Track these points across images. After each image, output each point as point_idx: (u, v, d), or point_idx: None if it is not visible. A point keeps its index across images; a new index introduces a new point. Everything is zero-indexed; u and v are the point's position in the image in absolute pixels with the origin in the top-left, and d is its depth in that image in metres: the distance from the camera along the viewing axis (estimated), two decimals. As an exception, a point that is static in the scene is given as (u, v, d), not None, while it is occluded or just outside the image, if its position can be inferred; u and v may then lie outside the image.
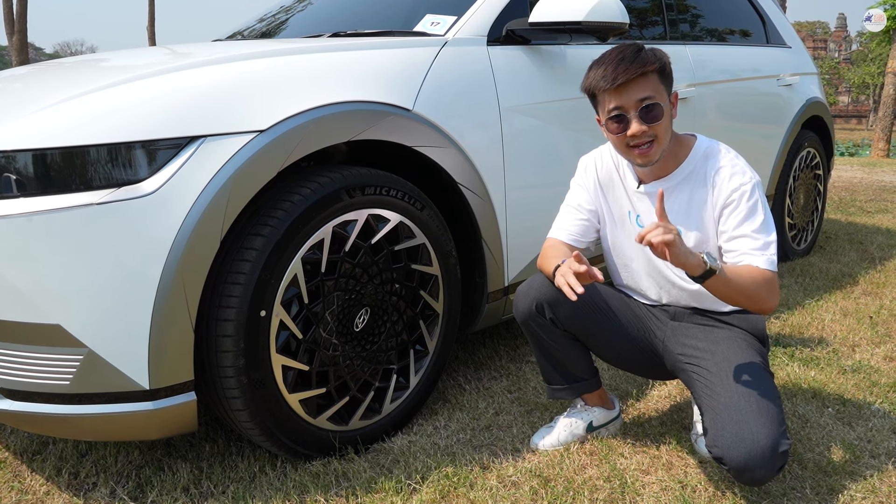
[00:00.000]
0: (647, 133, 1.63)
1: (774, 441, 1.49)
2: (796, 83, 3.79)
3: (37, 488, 1.77)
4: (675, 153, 1.73)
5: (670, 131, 1.69)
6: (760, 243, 1.62)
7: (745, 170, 1.69)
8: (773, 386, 1.62)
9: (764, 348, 1.78)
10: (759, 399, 1.55)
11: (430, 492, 1.70)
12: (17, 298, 1.48)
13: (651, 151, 1.65)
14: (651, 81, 1.62)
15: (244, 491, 1.73)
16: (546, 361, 1.92)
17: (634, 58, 1.61)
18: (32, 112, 1.53)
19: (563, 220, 1.90)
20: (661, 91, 1.64)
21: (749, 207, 1.64)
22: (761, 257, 1.61)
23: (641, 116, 1.62)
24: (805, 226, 4.12)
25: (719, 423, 1.55)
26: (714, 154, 1.72)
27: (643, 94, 1.61)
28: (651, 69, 1.61)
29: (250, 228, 1.64)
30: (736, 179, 1.66)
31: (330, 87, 1.77)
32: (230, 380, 1.62)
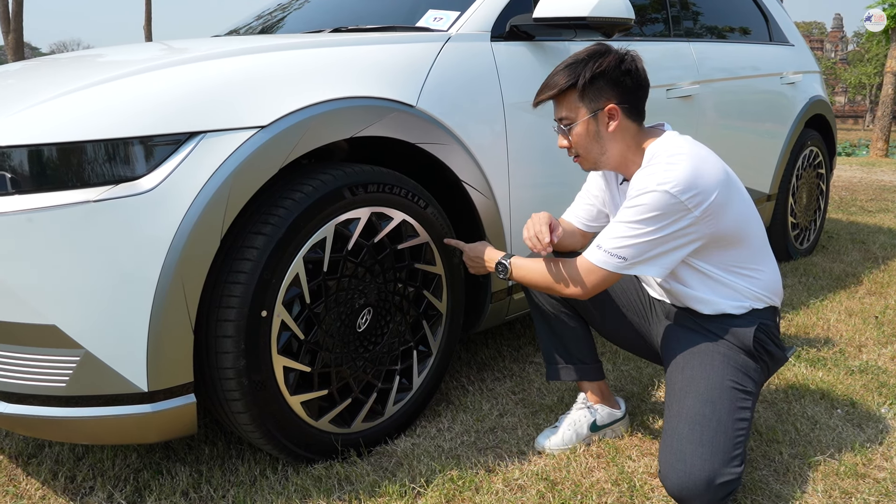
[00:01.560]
0: (571, 149, 1.70)
1: (711, 474, 1.47)
2: (799, 81, 3.76)
3: (32, 492, 1.73)
4: (635, 159, 1.67)
5: (599, 147, 1.67)
6: (606, 236, 1.61)
7: (658, 175, 1.53)
8: (737, 408, 1.56)
9: (751, 362, 1.67)
10: (705, 428, 1.52)
11: (434, 496, 1.67)
12: (12, 298, 1.44)
13: (581, 162, 1.72)
14: (566, 101, 1.66)
15: (245, 495, 1.69)
16: (548, 338, 1.94)
17: (550, 79, 1.67)
18: (27, 107, 1.49)
19: (574, 205, 1.96)
20: (577, 109, 1.65)
21: (632, 205, 1.56)
22: (592, 249, 1.63)
23: (561, 133, 1.70)
24: (808, 225, 4.09)
25: (664, 446, 1.56)
26: (655, 157, 1.60)
27: (559, 114, 1.69)
28: (557, 90, 1.64)
29: (251, 227, 1.60)
30: (640, 181, 1.57)
31: (332, 82, 1.74)
32: (230, 381, 1.58)
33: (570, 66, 1.64)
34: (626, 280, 1.91)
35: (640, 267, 1.60)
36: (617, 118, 1.64)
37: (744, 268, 1.68)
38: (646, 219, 1.54)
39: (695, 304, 1.73)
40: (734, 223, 1.62)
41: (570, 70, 1.63)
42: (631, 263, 1.59)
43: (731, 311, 1.69)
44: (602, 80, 1.62)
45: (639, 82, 1.66)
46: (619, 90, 1.63)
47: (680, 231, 1.56)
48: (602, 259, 1.60)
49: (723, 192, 1.56)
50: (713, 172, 1.56)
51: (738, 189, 1.64)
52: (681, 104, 2.82)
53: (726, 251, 1.65)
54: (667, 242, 1.57)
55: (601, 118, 1.64)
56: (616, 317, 1.90)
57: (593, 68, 1.61)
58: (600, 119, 1.64)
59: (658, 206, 1.53)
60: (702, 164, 1.56)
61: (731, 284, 1.68)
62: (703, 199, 1.53)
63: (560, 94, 1.65)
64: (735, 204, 1.61)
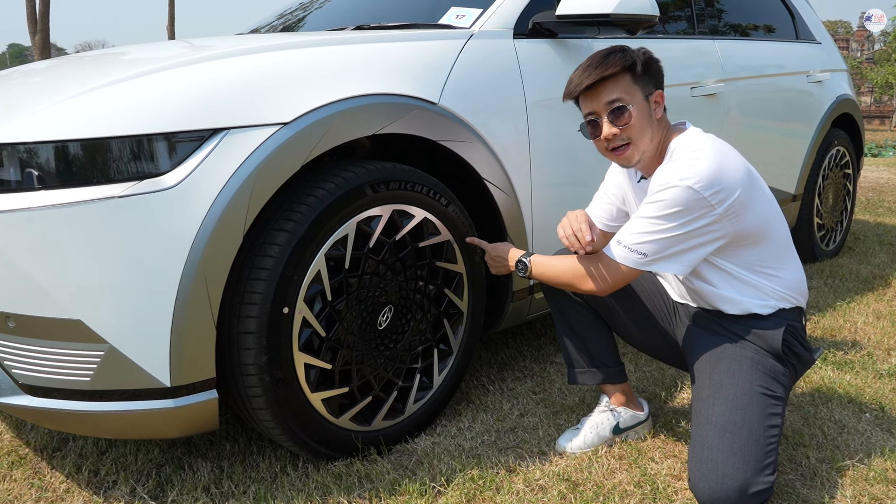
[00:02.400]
0: (620, 136, 1.61)
1: (743, 482, 1.43)
2: (826, 80, 3.70)
3: (56, 485, 1.74)
4: (662, 153, 1.65)
5: (650, 132, 1.62)
6: (624, 231, 1.59)
7: (680, 171, 1.51)
8: (768, 415, 1.53)
9: (779, 366, 1.63)
10: (737, 435, 1.49)
11: (455, 495, 1.66)
12: (38, 293, 1.46)
13: (628, 153, 1.63)
14: (620, 83, 1.60)
15: (265, 491, 1.69)
16: (569, 341, 1.91)
17: (601, 61, 1.60)
18: (53, 104, 1.51)
19: (593, 206, 1.93)
20: (633, 91, 1.60)
21: (653, 200, 1.54)
22: (612, 245, 1.61)
23: (611, 120, 1.61)
24: (834, 226, 4.03)
25: (693, 454, 1.52)
26: (677, 151, 1.59)
27: (611, 97, 1.60)
28: (615, 70, 1.58)
29: (273, 223, 1.60)
30: (662, 176, 1.55)
31: (354, 79, 1.74)
32: (252, 378, 1.59)
33: (615, 52, 1.60)
34: (649, 283, 1.89)
35: (661, 264, 1.58)
36: (661, 105, 1.64)
37: (767, 267, 1.66)
38: (667, 214, 1.52)
39: (720, 303, 1.70)
40: (757, 221, 1.59)
41: (621, 54, 1.60)
42: (651, 259, 1.57)
43: (757, 310, 1.66)
44: (652, 66, 1.63)
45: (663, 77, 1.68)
46: (659, 79, 1.65)
47: (702, 228, 1.53)
48: (622, 255, 1.58)
49: (745, 189, 1.54)
50: (736, 169, 1.54)
51: (761, 186, 1.62)
52: (705, 102, 2.78)
53: (749, 250, 1.63)
54: (689, 239, 1.55)
55: (651, 103, 1.63)
56: (641, 321, 1.87)
57: (642, 55, 1.61)
58: (651, 104, 1.63)
59: (680, 202, 1.50)
60: (725, 160, 1.54)
61: (756, 284, 1.66)
62: (727, 196, 1.51)
63: (614, 75, 1.59)
64: (758, 202, 1.58)
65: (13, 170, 1.47)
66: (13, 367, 1.54)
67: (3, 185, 1.48)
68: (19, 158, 1.46)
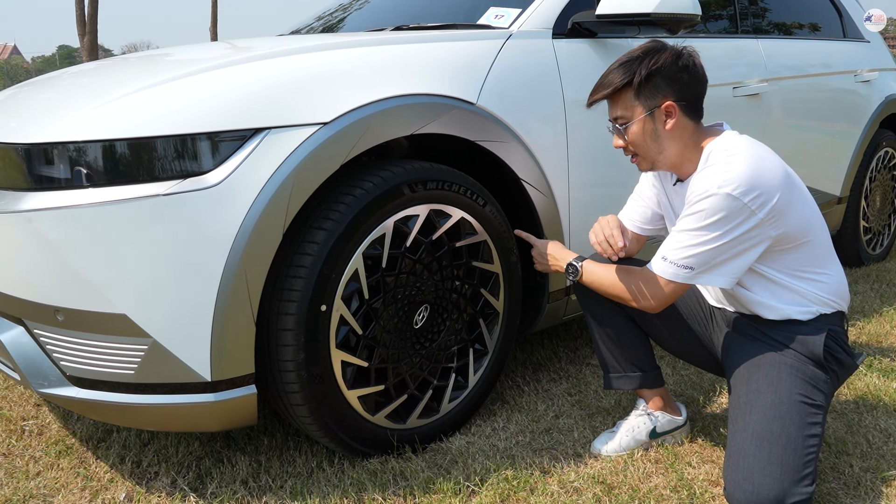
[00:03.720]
0: (627, 149, 1.66)
1: (780, 493, 1.40)
2: (874, 79, 3.60)
3: (101, 475, 1.79)
4: (693, 158, 1.63)
5: (657, 146, 1.62)
6: (666, 245, 1.57)
7: (718, 177, 1.49)
8: (807, 424, 1.50)
9: (819, 372, 1.60)
10: (774, 444, 1.46)
11: (489, 495, 1.66)
12: (85, 288, 1.50)
13: (639, 162, 1.67)
14: (621, 99, 1.62)
15: (302, 486, 1.72)
16: (604, 346, 1.88)
17: (604, 78, 1.63)
18: (101, 105, 1.55)
19: (628, 208, 1.92)
20: (633, 108, 1.60)
21: (694, 211, 1.52)
22: (658, 262, 1.59)
23: (616, 133, 1.65)
24: (881, 230, 3.92)
25: (729, 463, 1.50)
26: (713, 155, 1.56)
27: (614, 114, 1.65)
28: (610, 91, 1.60)
29: (312, 222, 1.62)
30: (700, 183, 1.52)
31: (393, 79, 1.75)
32: (290, 374, 1.61)
33: (624, 64, 1.60)
34: (689, 290, 1.85)
35: (708, 276, 1.55)
36: (674, 116, 1.60)
37: (808, 271, 1.62)
38: (709, 224, 1.50)
39: (759, 308, 1.67)
40: (798, 224, 1.56)
41: (626, 68, 1.59)
42: (698, 273, 1.55)
43: (797, 316, 1.63)
44: (658, 78, 1.58)
45: (696, 78, 1.61)
46: (677, 87, 1.59)
47: (745, 235, 1.51)
48: (670, 271, 1.56)
49: (785, 192, 1.51)
50: (774, 172, 1.51)
51: (800, 189, 1.58)
52: (747, 103, 2.73)
53: (790, 254, 1.59)
54: (733, 248, 1.52)
55: (658, 116, 1.60)
56: (676, 326, 1.84)
57: (649, 65, 1.57)
58: (657, 117, 1.60)
59: (721, 210, 1.48)
60: (762, 163, 1.51)
61: (796, 289, 1.62)
62: (767, 200, 1.48)
63: (615, 92, 1.61)
64: (797, 204, 1.55)
65: (63, 168, 1.52)
66: (61, 360, 1.59)
67: (53, 183, 1.53)
68: (69, 157, 1.50)
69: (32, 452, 1.91)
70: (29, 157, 1.54)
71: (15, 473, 1.81)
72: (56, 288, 1.52)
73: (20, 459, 1.88)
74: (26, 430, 2.04)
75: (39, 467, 1.84)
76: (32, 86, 2.04)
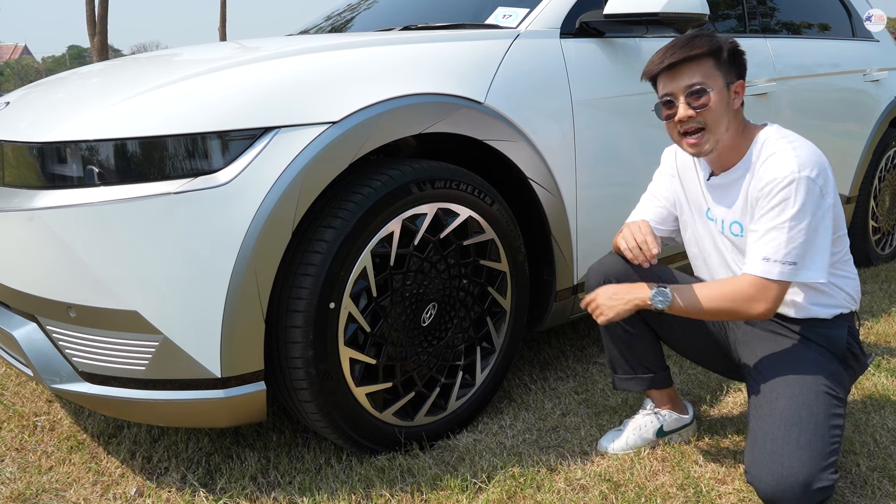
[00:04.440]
0: (695, 119, 1.57)
1: (808, 477, 1.40)
2: (884, 79, 3.59)
3: (112, 470, 1.81)
4: (740, 145, 1.63)
5: (727, 122, 1.58)
6: (762, 245, 1.52)
7: (796, 161, 1.50)
8: (831, 414, 1.50)
9: (840, 368, 1.61)
10: (803, 429, 1.46)
11: (496, 492, 1.67)
12: (97, 285, 1.52)
13: (702, 140, 1.59)
14: (702, 66, 1.56)
15: (310, 482, 1.73)
16: (614, 346, 1.87)
17: (686, 42, 1.57)
18: (112, 104, 1.57)
19: (642, 208, 1.89)
20: (715, 77, 1.57)
21: (778, 202, 1.50)
22: (752, 262, 1.53)
23: (689, 102, 1.57)
24: (890, 229, 3.90)
25: (756, 448, 1.48)
26: (771, 142, 1.58)
27: (691, 80, 1.56)
28: (699, 52, 1.55)
29: (321, 220, 1.64)
30: (776, 170, 1.51)
31: (401, 78, 1.76)
32: (299, 371, 1.63)
33: (700, 37, 1.57)
34: None
35: (808, 270, 1.52)
36: (741, 97, 1.61)
37: (838, 268, 1.63)
38: (798, 212, 1.49)
39: (784, 308, 1.67)
40: (838, 215, 1.59)
41: (707, 39, 1.57)
42: (800, 267, 1.51)
43: (820, 314, 1.64)
44: (735, 56, 1.60)
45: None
46: (742, 71, 1.62)
47: (822, 217, 1.51)
48: (776, 270, 1.51)
49: (832, 179, 1.55)
50: (825, 158, 1.55)
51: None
52: (755, 102, 2.73)
53: None
54: (819, 232, 1.51)
55: (731, 92, 1.60)
56: (694, 328, 1.81)
57: (728, 43, 1.58)
58: (730, 93, 1.60)
59: (803, 193, 1.48)
60: (817, 148, 1.55)
61: (824, 288, 1.63)
62: (831, 183, 1.52)
63: (697, 58, 1.56)
64: (836, 195, 1.58)
65: (75, 166, 1.54)
66: (73, 356, 1.61)
67: (66, 181, 1.55)
68: (81, 156, 1.52)
69: (45, 447, 1.94)
70: (41, 156, 1.56)
71: (28, 468, 1.83)
72: (68, 285, 1.54)
73: (33, 454, 1.90)
74: (39, 426, 2.06)
75: (52, 462, 1.86)
76: (43, 86, 2.06)
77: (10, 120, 1.75)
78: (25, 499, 1.70)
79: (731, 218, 1.67)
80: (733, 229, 1.67)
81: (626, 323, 1.80)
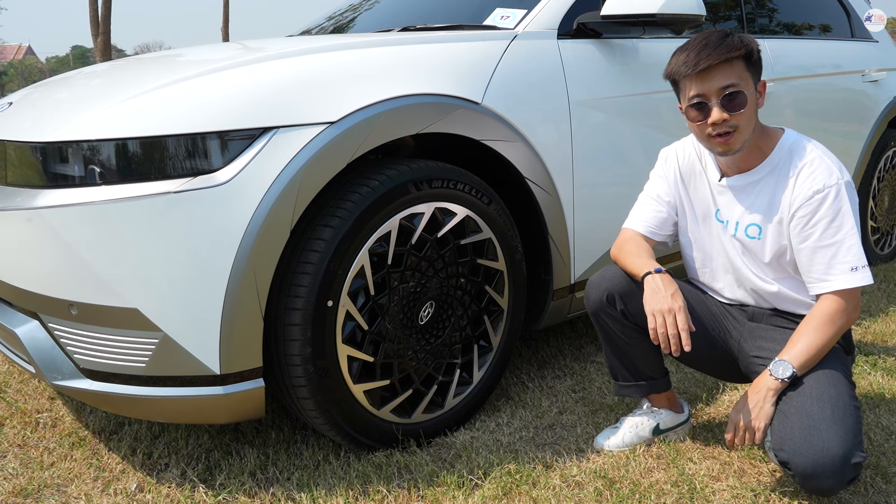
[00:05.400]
0: (729, 122, 1.57)
1: (847, 451, 1.41)
2: (883, 79, 3.60)
3: (113, 466, 1.84)
4: (760, 146, 1.66)
5: (754, 122, 1.61)
6: (840, 259, 1.55)
7: (832, 169, 1.58)
8: (853, 395, 1.54)
9: (847, 357, 1.68)
10: (835, 406, 1.48)
11: (492, 488, 1.69)
12: (98, 283, 1.54)
13: (732, 140, 1.59)
14: (735, 68, 1.56)
15: (308, 478, 1.75)
16: (614, 356, 1.87)
17: (719, 43, 1.56)
18: (114, 104, 1.59)
19: (641, 211, 1.86)
20: (747, 78, 1.58)
21: (833, 213, 1.56)
22: (840, 277, 1.56)
23: (723, 104, 1.56)
24: (889, 230, 3.91)
25: (788, 426, 1.49)
26: (800, 149, 1.63)
27: (726, 82, 1.56)
28: (736, 55, 1.55)
29: (319, 219, 1.66)
30: (819, 180, 1.57)
31: (399, 79, 1.78)
32: (297, 368, 1.65)
33: (732, 37, 1.57)
34: (693, 294, 1.83)
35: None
36: (763, 97, 1.64)
37: None
38: (848, 216, 1.57)
39: (790, 306, 1.71)
40: None
41: (739, 40, 1.57)
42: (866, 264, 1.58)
43: None
44: (759, 58, 1.62)
45: None
46: (762, 71, 1.64)
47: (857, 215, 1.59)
48: (864, 275, 1.56)
49: None
50: None
51: None
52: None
53: None
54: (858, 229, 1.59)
55: (760, 92, 1.63)
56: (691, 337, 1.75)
57: (754, 45, 1.60)
58: (757, 94, 1.62)
59: (849, 197, 1.57)
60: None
61: None
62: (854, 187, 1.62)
63: (733, 60, 1.56)
64: None
65: (77, 166, 1.56)
66: (75, 353, 1.63)
67: (68, 181, 1.57)
68: (83, 155, 1.55)
69: (47, 444, 1.96)
70: (44, 156, 1.58)
71: (30, 464, 1.86)
72: (70, 283, 1.56)
73: (35, 450, 1.92)
74: (41, 423, 2.09)
75: (53, 458, 1.88)
76: (47, 86, 2.09)
77: (13, 120, 1.78)
78: (27, 494, 1.72)
79: (750, 220, 1.69)
80: (749, 231, 1.69)
81: (625, 334, 1.79)
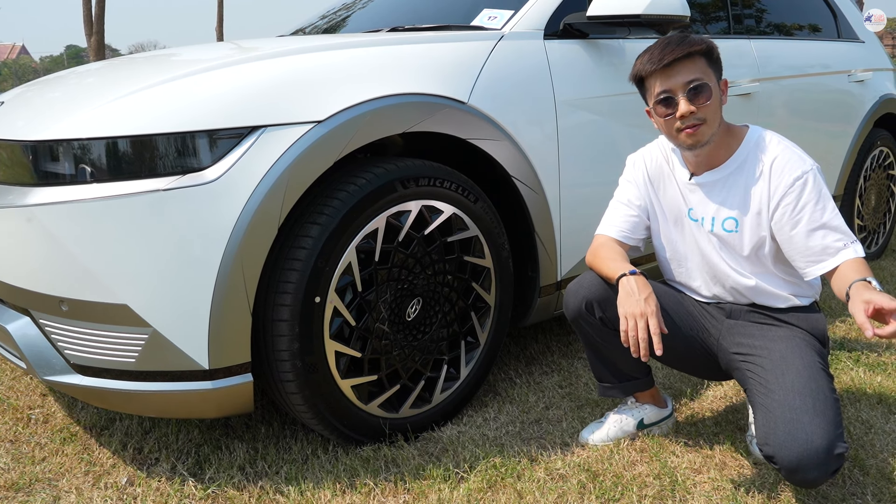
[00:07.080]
0: (696, 115, 1.62)
1: (830, 442, 1.44)
2: (869, 79, 3.64)
3: (104, 461, 1.86)
4: (727, 143, 1.70)
5: (720, 117, 1.66)
6: (841, 233, 1.61)
7: (803, 157, 1.66)
8: (832, 388, 1.57)
9: (824, 350, 1.72)
10: (816, 399, 1.51)
11: (477, 481, 1.71)
12: (89, 279, 1.56)
13: (699, 131, 1.63)
14: (698, 63, 1.62)
15: (297, 472, 1.78)
16: (596, 360, 1.90)
17: (681, 41, 1.62)
18: (105, 103, 1.62)
19: (613, 216, 1.88)
20: (710, 74, 1.64)
21: (815, 196, 1.62)
22: (852, 246, 1.60)
23: (689, 97, 1.61)
24: (876, 228, 3.95)
25: (772, 420, 1.52)
26: (766, 143, 1.69)
27: (691, 76, 1.61)
28: (697, 50, 1.61)
29: (307, 217, 1.68)
30: (796, 167, 1.63)
31: (386, 79, 1.81)
32: (285, 363, 1.67)
33: (691, 37, 1.63)
34: (669, 296, 1.84)
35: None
36: (726, 94, 1.70)
37: None
38: (828, 196, 1.63)
39: (766, 299, 1.75)
40: None
41: (698, 39, 1.63)
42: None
43: (799, 302, 1.75)
44: (719, 56, 1.68)
45: None
46: (722, 71, 1.69)
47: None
48: (859, 248, 1.60)
49: None
50: None
51: None
52: (739, 102, 2.78)
53: None
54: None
55: (723, 90, 1.69)
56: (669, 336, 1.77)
57: (713, 44, 1.66)
58: (719, 90, 1.67)
59: (822, 182, 1.64)
60: None
61: (797, 280, 1.74)
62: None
63: (693, 55, 1.61)
64: None
65: (68, 164, 1.58)
66: (66, 349, 1.66)
67: (59, 179, 1.59)
68: (73, 154, 1.57)
69: (38, 439, 1.98)
70: (35, 154, 1.61)
71: (22, 459, 1.88)
72: (60, 279, 1.59)
73: (27, 446, 1.95)
74: (33, 419, 2.11)
75: (45, 453, 1.90)
76: (40, 85, 2.11)
77: (6, 118, 1.80)
78: (19, 488, 1.74)
79: (726, 214, 1.72)
80: (726, 225, 1.73)
81: (605, 339, 1.81)
